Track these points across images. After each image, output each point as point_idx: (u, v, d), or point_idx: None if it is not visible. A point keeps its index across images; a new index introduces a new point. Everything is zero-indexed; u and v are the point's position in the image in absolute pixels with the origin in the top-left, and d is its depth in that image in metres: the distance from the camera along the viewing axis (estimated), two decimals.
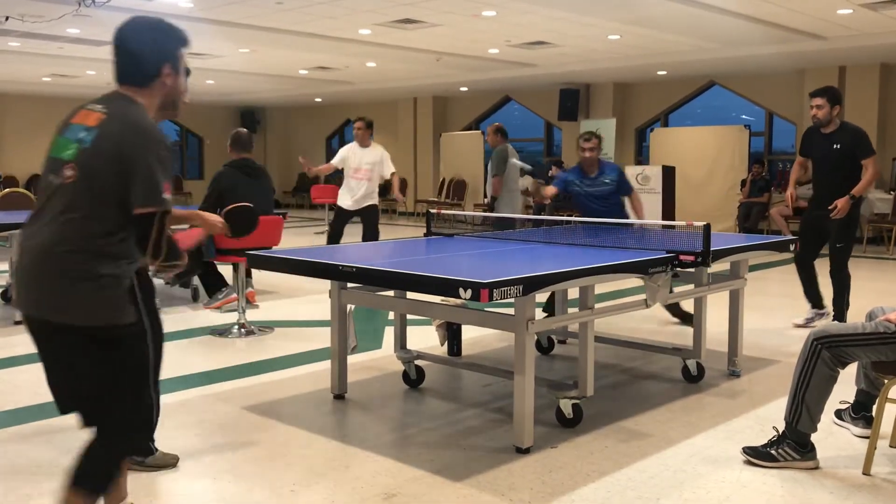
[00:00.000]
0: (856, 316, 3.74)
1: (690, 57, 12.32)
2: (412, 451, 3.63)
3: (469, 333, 5.68)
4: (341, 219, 8.32)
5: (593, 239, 5.06)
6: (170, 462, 3.39)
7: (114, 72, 2.54)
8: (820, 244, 6.22)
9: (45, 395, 3.65)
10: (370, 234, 8.25)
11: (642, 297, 4.14)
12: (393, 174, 8.44)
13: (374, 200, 8.32)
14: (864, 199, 6.00)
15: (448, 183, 17.18)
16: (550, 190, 6.24)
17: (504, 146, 8.36)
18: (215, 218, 3.28)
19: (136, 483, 3.24)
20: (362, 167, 8.21)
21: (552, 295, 5.39)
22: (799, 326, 6.26)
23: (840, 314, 6.02)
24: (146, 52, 2.49)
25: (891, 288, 8.48)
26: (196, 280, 7.16)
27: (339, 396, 4.40)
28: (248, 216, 3.46)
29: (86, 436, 2.47)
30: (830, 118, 5.88)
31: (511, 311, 3.56)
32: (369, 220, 8.31)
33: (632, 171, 13.44)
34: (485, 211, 8.47)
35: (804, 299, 6.40)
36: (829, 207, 5.84)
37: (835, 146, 5.90)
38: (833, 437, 3.76)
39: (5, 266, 6.90)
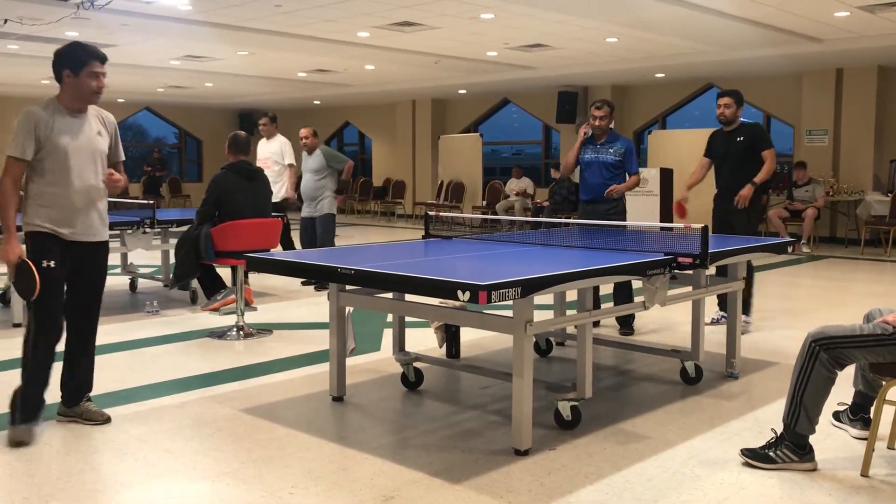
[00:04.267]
0: (852, 318, 3.75)
1: (688, 59, 12.34)
2: (410, 453, 3.64)
3: (467, 335, 5.69)
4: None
5: (591, 241, 5.06)
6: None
7: None
8: None
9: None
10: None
11: (640, 299, 4.14)
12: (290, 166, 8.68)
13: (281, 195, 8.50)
14: (768, 193, 6.31)
15: (446, 185, 17.18)
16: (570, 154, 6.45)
17: (326, 146, 8.65)
18: (15, 255, 3.65)
19: (132, 485, 3.24)
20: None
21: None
22: (706, 325, 6.27)
23: (747, 306, 6.16)
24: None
25: (888, 290, 8.49)
26: (194, 282, 7.16)
27: (338, 399, 4.40)
28: (29, 281, 3.62)
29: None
30: (735, 117, 6.30)
31: (509, 313, 3.56)
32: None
33: None
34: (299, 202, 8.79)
35: (802, 300, 6.41)
36: (735, 200, 6.16)
37: (738, 139, 6.27)
38: (831, 439, 3.76)
39: (3, 268, 6.88)
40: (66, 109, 3.71)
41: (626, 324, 6.13)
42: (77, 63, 3.69)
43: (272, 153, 8.54)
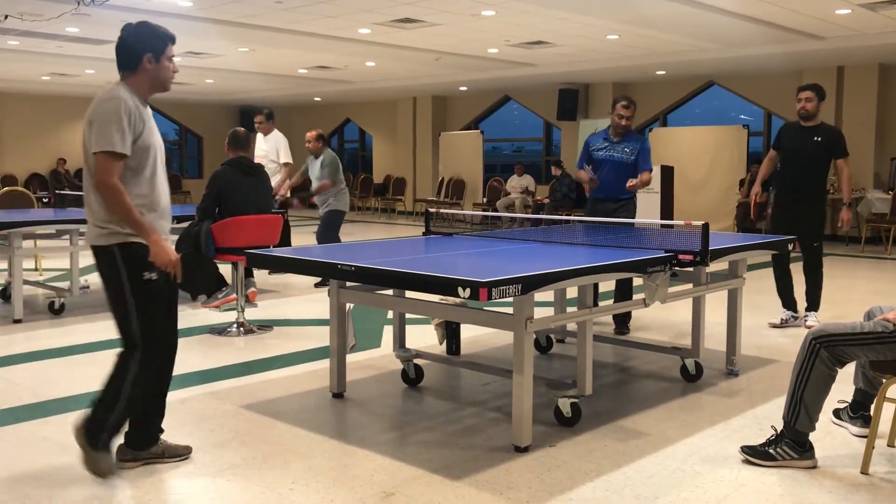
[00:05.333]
0: (852, 316, 3.75)
1: (689, 57, 12.33)
2: (410, 450, 3.64)
3: (468, 332, 5.69)
4: None
5: (592, 238, 5.06)
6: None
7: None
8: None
9: (44, 394, 3.67)
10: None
11: (641, 296, 4.14)
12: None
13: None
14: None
15: (447, 182, 17.18)
16: (583, 175, 6.19)
17: (333, 154, 8.42)
18: (171, 255, 3.19)
19: (134, 482, 3.24)
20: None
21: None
22: (775, 327, 6.30)
23: (816, 304, 6.24)
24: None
25: (889, 288, 8.49)
26: None
27: (338, 395, 4.40)
28: (209, 271, 3.31)
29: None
30: (816, 112, 6.13)
31: (510, 309, 3.56)
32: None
33: None
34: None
35: (803, 298, 6.40)
36: (839, 226, 6.17)
37: (816, 138, 6.09)
38: (831, 437, 3.76)
39: (5, 265, 6.89)
40: (140, 100, 3.27)
41: (622, 323, 6.12)
42: (160, 45, 3.25)
43: (267, 151, 8.48)
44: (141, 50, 3.22)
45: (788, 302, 6.35)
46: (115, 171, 3.07)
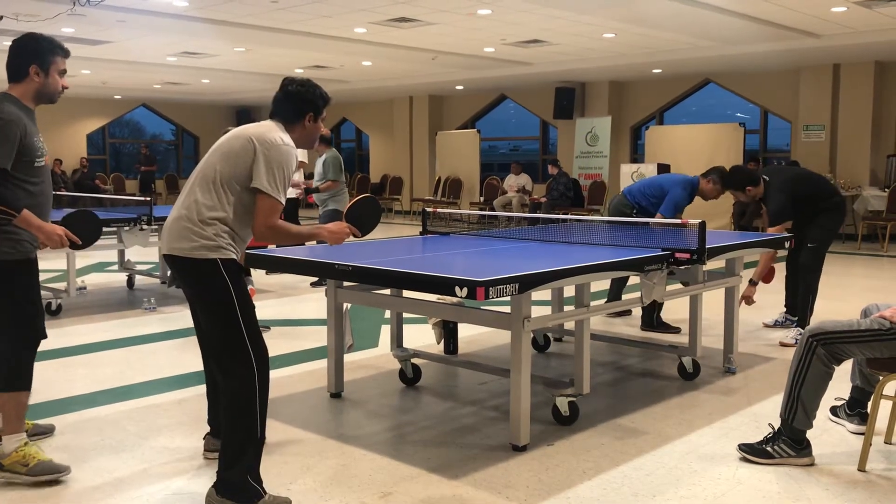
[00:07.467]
0: (849, 313, 3.75)
1: (686, 55, 12.34)
2: (408, 449, 3.64)
3: (465, 331, 5.69)
4: None
5: (589, 237, 5.07)
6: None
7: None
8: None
9: (41, 395, 3.66)
10: None
11: (638, 294, 4.15)
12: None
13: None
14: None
15: (444, 181, 17.18)
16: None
17: (335, 153, 8.33)
18: (339, 227, 3.24)
19: (130, 482, 3.24)
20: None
21: None
22: (768, 327, 6.25)
23: (803, 318, 5.78)
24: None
25: (885, 285, 8.51)
26: None
27: (336, 395, 4.40)
28: (371, 207, 3.36)
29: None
30: (752, 198, 5.91)
31: (507, 309, 3.56)
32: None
33: (627, 169, 13.49)
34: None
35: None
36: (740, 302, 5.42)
37: (762, 210, 5.94)
38: (828, 434, 3.77)
39: None
40: None
41: (656, 323, 6.08)
42: (322, 105, 3.17)
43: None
44: (305, 107, 3.10)
45: (791, 304, 6.27)
46: (278, 214, 2.98)
